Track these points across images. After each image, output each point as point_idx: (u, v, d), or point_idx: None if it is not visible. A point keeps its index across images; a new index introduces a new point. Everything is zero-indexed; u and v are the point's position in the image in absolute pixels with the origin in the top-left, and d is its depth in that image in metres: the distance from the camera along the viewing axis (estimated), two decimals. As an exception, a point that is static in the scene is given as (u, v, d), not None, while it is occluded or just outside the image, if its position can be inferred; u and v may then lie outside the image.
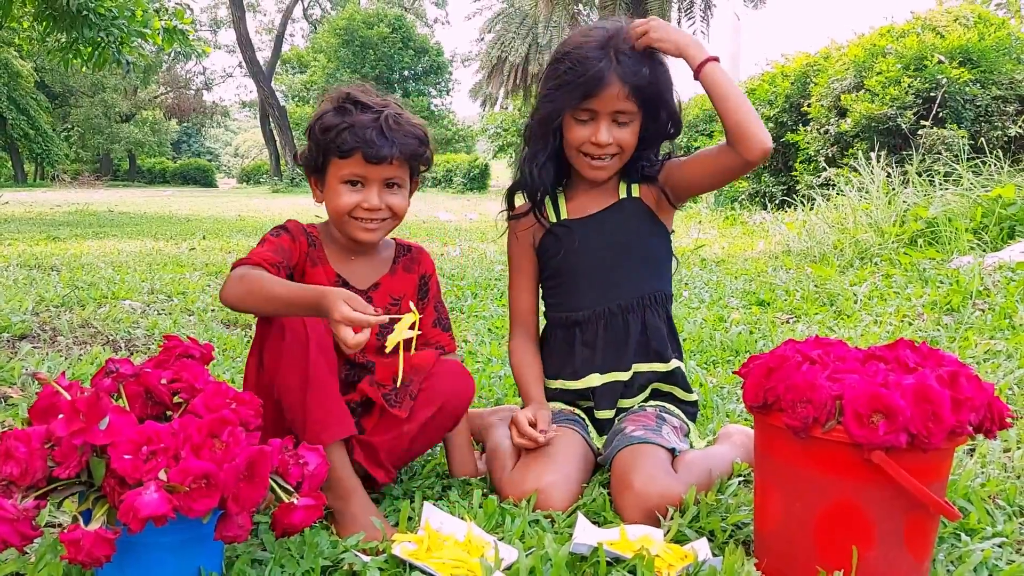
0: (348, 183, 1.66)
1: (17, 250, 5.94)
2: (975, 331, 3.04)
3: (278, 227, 1.72)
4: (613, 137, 1.76)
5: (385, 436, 1.63)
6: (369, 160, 1.62)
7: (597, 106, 1.74)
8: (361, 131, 1.60)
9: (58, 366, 2.51)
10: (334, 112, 1.65)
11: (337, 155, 1.63)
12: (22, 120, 31.95)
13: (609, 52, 1.72)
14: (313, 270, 1.71)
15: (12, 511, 1.09)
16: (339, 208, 1.66)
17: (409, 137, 1.66)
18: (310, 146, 1.70)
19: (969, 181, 5.31)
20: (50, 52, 9.59)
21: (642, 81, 1.72)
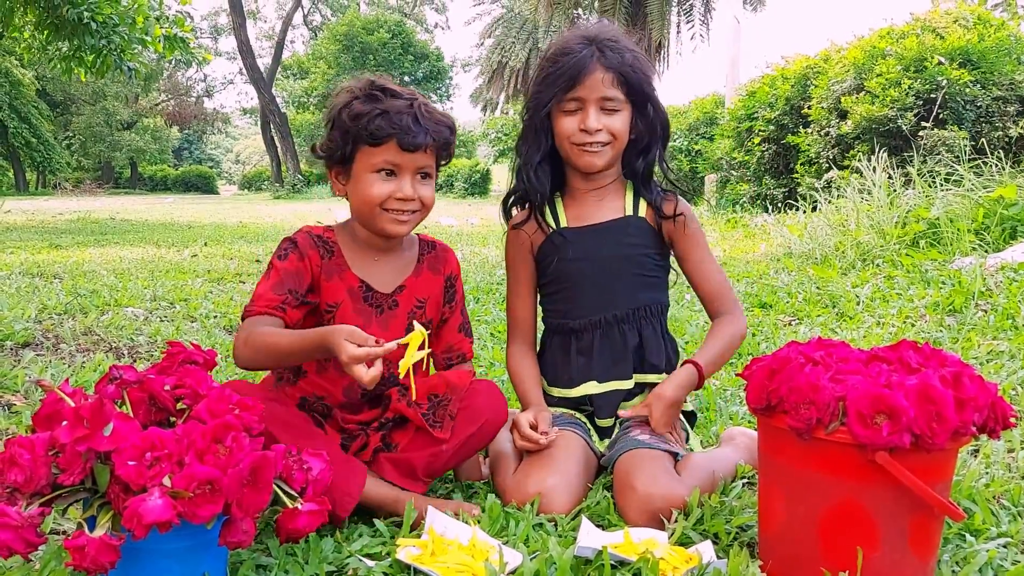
0: (381, 172, 1.60)
1: (19, 258, 5.95)
2: (978, 332, 3.04)
3: (287, 241, 1.66)
4: (602, 124, 1.76)
5: (422, 452, 1.61)
6: (404, 147, 1.57)
7: (583, 93, 1.75)
8: (396, 117, 1.56)
9: (61, 373, 2.51)
10: (364, 99, 1.60)
11: (369, 142, 1.58)
12: (24, 128, 32.02)
13: (592, 44, 1.76)
14: (329, 283, 1.66)
15: (17, 518, 1.09)
16: (370, 199, 1.60)
17: (441, 125, 1.62)
18: (332, 136, 1.63)
19: (970, 182, 5.31)
20: (52, 60, 9.63)
21: (626, 68, 1.75)
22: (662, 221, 1.86)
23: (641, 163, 1.86)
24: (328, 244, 1.68)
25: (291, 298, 1.59)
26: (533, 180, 1.86)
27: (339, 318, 1.65)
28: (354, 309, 1.67)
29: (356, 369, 1.36)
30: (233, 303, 3.95)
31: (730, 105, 11.37)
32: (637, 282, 1.85)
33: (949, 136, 6.62)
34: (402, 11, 46.10)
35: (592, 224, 1.87)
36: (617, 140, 1.79)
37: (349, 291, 1.68)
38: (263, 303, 1.57)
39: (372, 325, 1.68)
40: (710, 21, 21.02)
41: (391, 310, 1.71)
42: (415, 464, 1.60)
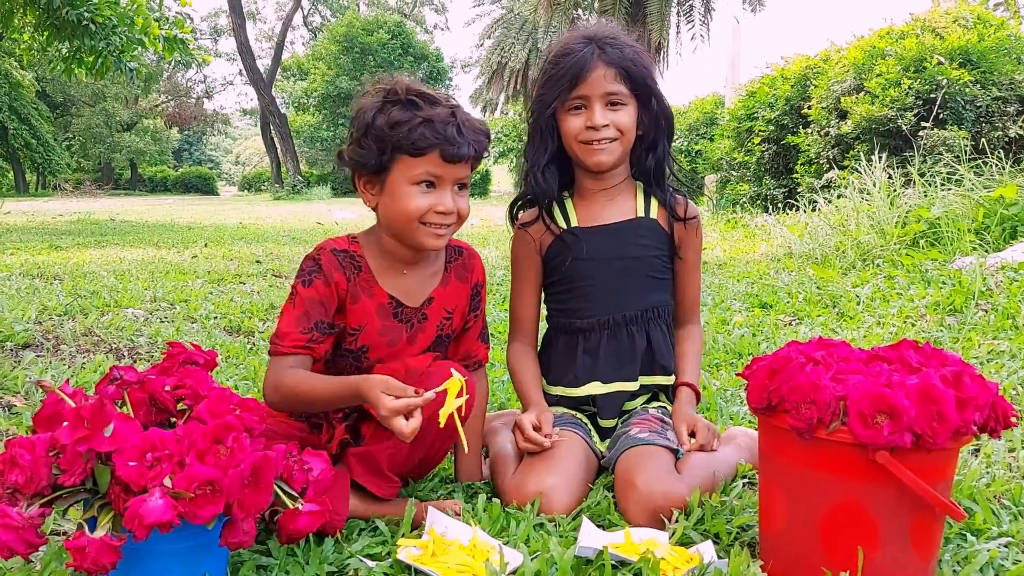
0: (420, 184, 1.52)
1: (20, 259, 5.94)
2: (978, 331, 3.04)
3: (310, 262, 1.57)
4: (609, 119, 1.76)
5: (383, 445, 1.50)
6: (448, 158, 1.50)
7: (586, 91, 1.76)
8: (441, 127, 1.48)
9: (61, 375, 2.51)
10: (401, 106, 1.51)
11: (410, 152, 1.49)
12: (24, 130, 32.01)
13: (592, 43, 1.77)
14: (355, 305, 1.58)
15: (17, 519, 1.09)
16: (409, 212, 1.52)
17: (480, 134, 1.55)
18: (365, 144, 1.53)
19: (971, 182, 5.31)
20: (52, 62, 9.63)
21: (627, 62, 1.76)
22: (674, 223, 1.87)
23: (651, 160, 1.86)
24: (355, 259, 1.61)
25: (318, 334, 1.54)
26: (541, 182, 1.86)
27: (363, 339, 1.60)
28: (381, 328, 1.61)
29: (395, 422, 1.34)
30: (233, 304, 3.95)
31: (730, 105, 11.37)
32: (647, 283, 1.86)
33: (949, 136, 6.62)
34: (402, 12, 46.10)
35: (603, 224, 1.86)
36: (624, 135, 1.79)
37: (379, 308, 1.61)
38: (290, 343, 1.52)
39: (401, 341, 1.63)
40: (710, 21, 21.02)
41: (420, 324, 1.65)
42: (378, 459, 1.50)
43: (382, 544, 1.43)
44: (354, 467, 1.51)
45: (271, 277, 5.15)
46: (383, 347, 1.62)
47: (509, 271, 1.99)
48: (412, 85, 1.55)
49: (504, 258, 6.13)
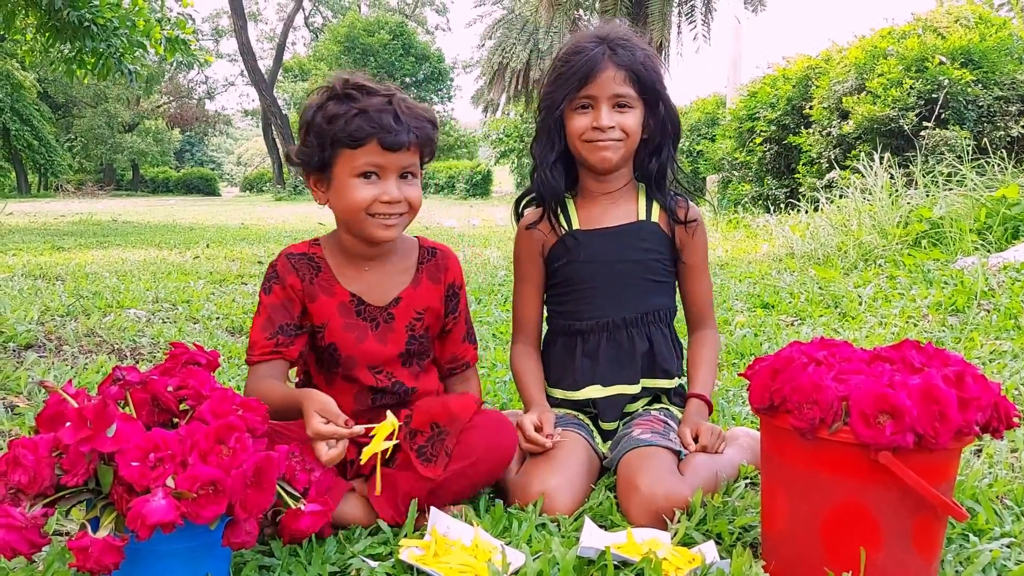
0: (362, 175, 1.51)
1: (22, 260, 5.95)
2: (980, 331, 3.03)
3: (270, 270, 1.61)
4: (615, 121, 1.76)
5: (408, 475, 1.50)
6: (386, 146, 1.49)
7: (594, 91, 1.75)
8: (376, 115, 1.48)
9: (64, 375, 2.52)
10: (338, 100, 1.51)
11: (348, 144, 1.49)
12: (25, 131, 32.07)
13: (603, 43, 1.76)
14: (314, 304, 1.60)
15: (20, 519, 1.09)
16: (354, 205, 1.52)
17: (422, 120, 1.54)
18: (308, 141, 1.54)
19: (973, 182, 5.31)
20: (53, 63, 9.64)
21: (638, 66, 1.75)
22: (675, 226, 1.86)
23: (654, 164, 1.86)
24: (313, 261, 1.63)
25: (284, 337, 1.57)
26: (549, 180, 1.86)
27: (328, 336, 1.61)
28: (344, 325, 1.62)
29: (318, 446, 1.36)
30: (235, 304, 3.95)
31: (731, 105, 11.37)
32: (647, 287, 1.85)
33: (951, 136, 6.62)
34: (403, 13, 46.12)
35: (604, 227, 1.86)
36: (629, 138, 1.79)
37: (340, 306, 1.62)
38: (258, 351, 1.56)
39: (368, 339, 1.64)
40: (711, 21, 20.98)
41: (387, 323, 1.65)
42: (399, 484, 1.49)
43: (384, 544, 1.43)
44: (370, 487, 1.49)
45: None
46: (351, 344, 1.63)
47: (509, 272, 1.99)
48: (352, 79, 1.55)
49: (506, 259, 6.14)
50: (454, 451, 1.53)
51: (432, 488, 1.51)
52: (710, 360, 1.88)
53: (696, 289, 1.92)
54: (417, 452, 1.52)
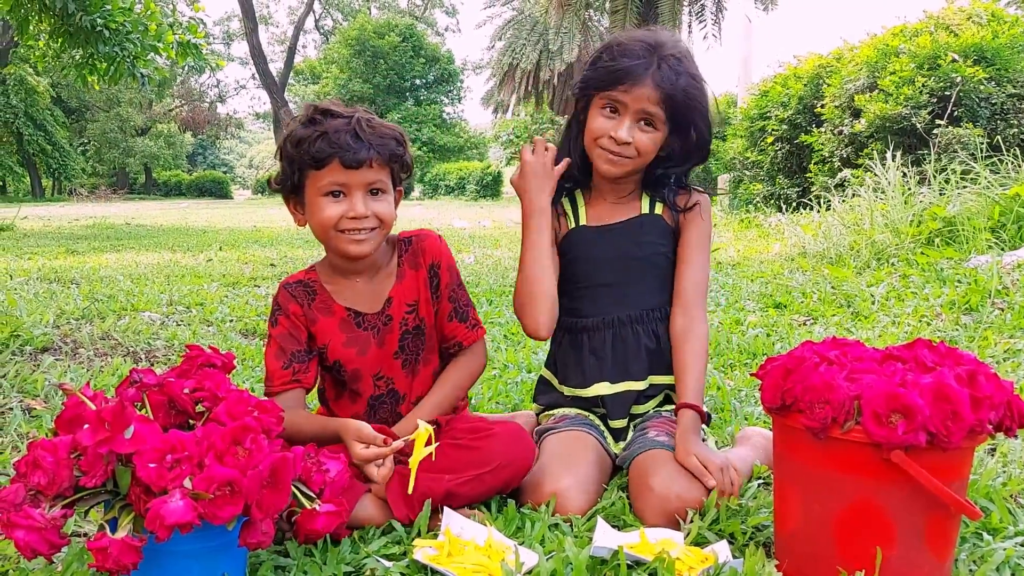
0: (329, 195, 1.58)
1: (37, 264, 6.00)
2: (994, 330, 3.02)
3: (273, 303, 1.69)
4: (633, 138, 1.73)
5: (423, 475, 1.50)
6: (347, 165, 1.54)
7: (626, 99, 1.72)
8: (335, 136, 1.54)
9: (80, 378, 2.54)
10: (303, 125, 1.59)
11: (313, 166, 1.56)
12: (39, 135, 32.27)
13: (653, 55, 1.71)
14: (315, 327, 1.67)
15: (40, 520, 1.10)
16: (324, 223, 1.59)
17: (385, 138, 1.59)
18: (283, 167, 1.63)
19: (986, 179, 5.28)
20: (66, 68, 9.71)
21: (676, 92, 1.70)
22: (679, 216, 1.84)
23: (659, 172, 1.84)
24: (309, 286, 1.70)
25: (298, 364, 1.64)
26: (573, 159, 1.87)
27: (332, 355, 1.68)
28: (344, 341, 1.68)
29: (368, 469, 1.45)
30: (249, 307, 3.97)
31: (743, 104, 11.35)
32: (652, 283, 1.85)
33: (964, 134, 6.58)
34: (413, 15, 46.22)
35: (608, 224, 1.86)
36: (640, 158, 1.76)
37: (340, 323, 1.68)
38: (278, 382, 1.63)
39: (371, 348, 1.70)
40: (722, 20, 20.95)
41: (386, 327, 1.71)
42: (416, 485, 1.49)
43: (398, 544, 1.44)
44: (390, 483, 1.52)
45: (285, 280, 5.17)
46: (353, 358, 1.70)
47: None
48: (321, 105, 1.62)
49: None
50: (472, 456, 1.57)
51: (448, 490, 1.53)
52: (699, 359, 1.75)
53: (685, 271, 1.82)
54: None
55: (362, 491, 1.51)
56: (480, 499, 1.60)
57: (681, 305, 1.81)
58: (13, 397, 2.30)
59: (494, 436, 1.61)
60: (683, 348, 1.77)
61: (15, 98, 30.70)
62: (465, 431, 1.65)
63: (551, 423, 1.86)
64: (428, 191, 32.64)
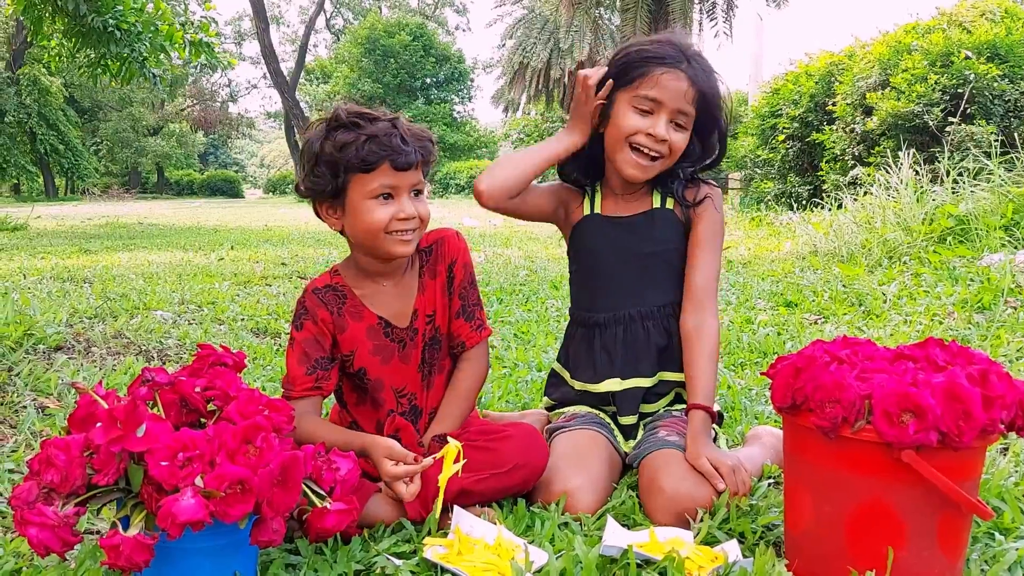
0: (379, 197, 1.58)
1: (50, 263, 6.04)
2: (1007, 329, 3.00)
3: (299, 306, 1.66)
4: (669, 136, 1.71)
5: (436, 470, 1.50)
6: (398, 167, 1.56)
7: (662, 96, 1.69)
8: (385, 139, 1.54)
9: (92, 376, 2.55)
10: (344, 128, 1.57)
11: (362, 169, 1.55)
12: (52, 135, 32.47)
13: (682, 53, 1.72)
14: (343, 335, 1.66)
15: (53, 518, 1.11)
16: (374, 226, 1.58)
17: (424, 140, 1.61)
18: (319, 172, 1.59)
19: (1000, 177, 5.24)
20: (79, 68, 9.78)
21: (708, 90, 1.71)
22: (689, 210, 1.83)
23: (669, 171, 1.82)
24: (338, 291, 1.69)
25: (321, 372, 1.63)
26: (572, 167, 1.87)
27: (358, 362, 1.68)
28: (372, 348, 1.68)
29: (397, 486, 1.44)
30: (260, 306, 3.99)
31: (754, 103, 11.32)
32: (664, 279, 1.84)
33: (977, 131, 6.54)
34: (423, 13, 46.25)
35: (619, 216, 1.85)
36: (670, 157, 1.75)
37: (368, 329, 1.68)
38: (300, 387, 1.61)
39: (393, 359, 1.70)
40: (732, 19, 20.86)
41: (411, 341, 1.71)
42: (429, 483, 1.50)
43: (408, 543, 1.45)
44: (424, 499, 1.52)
45: (296, 279, 5.19)
46: (377, 366, 1.69)
47: (531, 271, 1.99)
48: (351, 108, 1.61)
49: (526, 258, 6.14)
50: (487, 458, 1.57)
51: (463, 488, 1.53)
52: (710, 359, 1.73)
53: (696, 266, 1.80)
54: None
55: (372, 490, 1.52)
56: (494, 498, 1.60)
57: (692, 301, 1.80)
58: (27, 395, 2.32)
59: (509, 438, 1.61)
60: (694, 347, 1.75)
61: (28, 98, 30.91)
62: (479, 433, 1.66)
63: (562, 421, 1.86)
64: (439, 190, 32.68)
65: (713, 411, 1.70)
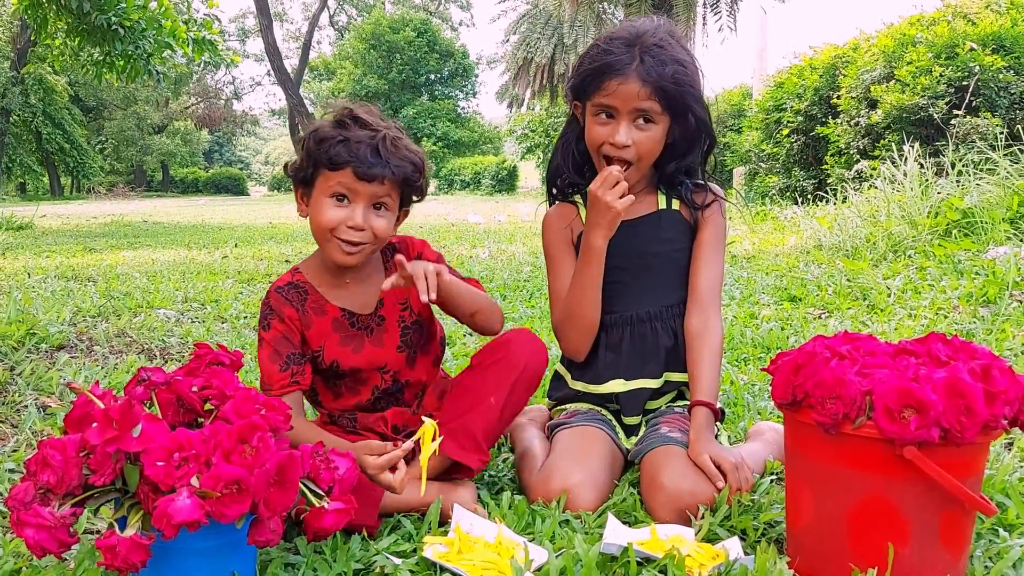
0: (335, 197, 1.60)
1: (55, 262, 6.05)
2: (1012, 323, 2.98)
3: (264, 307, 1.68)
4: (632, 139, 1.69)
5: (475, 414, 1.61)
6: (359, 176, 1.57)
7: (615, 103, 1.68)
8: (355, 146, 1.57)
9: (95, 375, 2.55)
10: (332, 125, 1.62)
11: (327, 167, 1.59)
12: (57, 134, 32.57)
13: (635, 48, 1.68)
14: (310, 331, 1.68)
15: (50, 519, 1.11)
16: (322, 224, 1.61)
17: (405, 161, 1.61)
18: (302, 156, 1.65)
19: (1005, 170, 5.21)
20: (84, 66, 9.79)
21: (665, 81, 1.66)
22: (697, 213, 1.82)
23: (672, 167, 1.81)
24: (300, 288, 1.70)
25: (295, 366, 1.64)
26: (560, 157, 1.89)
27: (328, 355, 1.69)
28: (340, 340, 1.69)
29: (383, 477, 1.45)
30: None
31: (758, 96, 11.28)
32: (671, 280, 1.84)
33: (982, 124, 6.51)
34: (427, 9, 46.20)
35: (625, 219, 1.84)
36: (643, 159, 1.73)
37: (333, 322, 1.69)
38: (278, 385, 1.62)
39: (365, 346, 1.71)
40: (736, 12, 20.78)
41: (379, 326, 1.73)
42: (474, 430, 1.60)
43: (408, 541, 1.44)
44: (446, 444, 1.57)
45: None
46: (349, 355, 1.71)
47: (535, 267, 1.99)
48: (355, 110, 1.64)
49: (531, 254, 6.13)
50: (499, 367, 1.65)
51: (499, 415, 1.63)
52: (713, 357, 1.74)
53: (701, 269, 1.81)
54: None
55: (380, 494, 1.52)
56: (523, 403, 1.71)
57: (696, 303, 1.80)
58: (28, 395, 2.32)
59: (511, 341, 1.68)
60: (698, 347, 1.76)
61: (34, 97, 31.00)
62: (480, 354, 1.71)
63: (563, 418, 1.85)
64: (443, 186, 32.68)
65: (716, 408, 1.69)
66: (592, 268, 1.76)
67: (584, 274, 1.77)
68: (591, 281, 1.77)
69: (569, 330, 1.83)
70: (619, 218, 1.70)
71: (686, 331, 1.80)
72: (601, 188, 1.68)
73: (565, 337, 1.85)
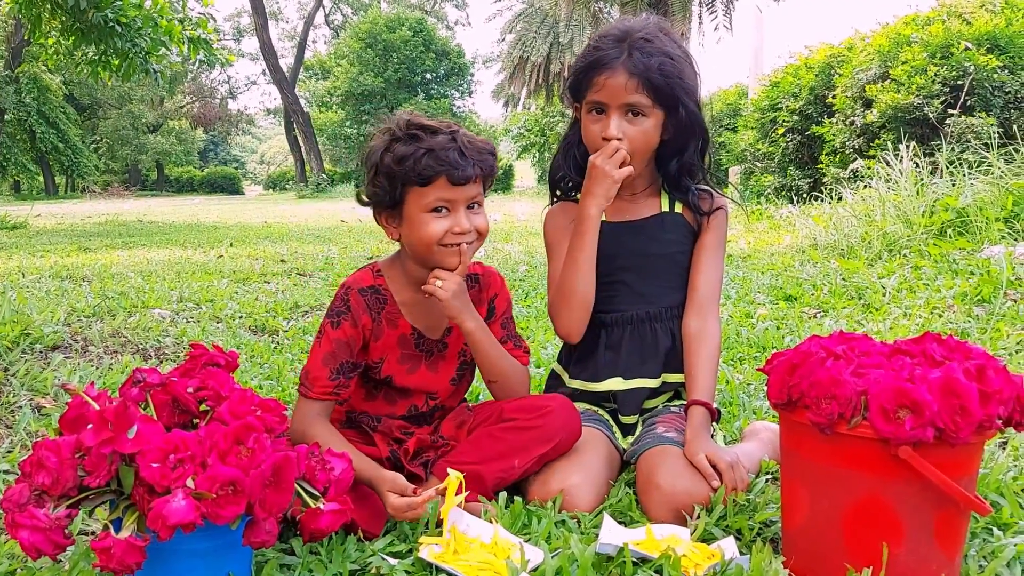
0: (434, 211, 1.57)
1: (49, 261, 6.03)
2: (1007, 322, 2.99)
3: (340, 303, 1.63)
4: (624, 132, 1.70)
5: (493, 467, 1.59)
6: (455, 182, 1.55)
7: (605, 98, 1.70)
8: (442, 153, 1.54)
9: (89, 376, 2.55)
10: (404, 141, 1.57)
11: (418, 183, 1.55)
12: (52, 133, 32.49)
13: (623, 43, 1.69)
14: (377, 343, 1.66)
15: (45, 520, 1.11)
16: (428, 238, 1.58)
17: (484, 154, 1.60)
18: (378, 182, 1.60)
19: (1000, 169, 5.22)
20: (79, 65, 9.77)
21: (652, 73, 1.66)
22: (701, 218, 1.84)
23: (674, 165, 1.82)
24: (380, 294, 1.67)
25: (343, 378, 1.62)
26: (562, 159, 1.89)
27: (386, 370, 1.68)
28: (400, 357, 1.69)
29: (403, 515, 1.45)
30: (258, 303, 3.98)
31: (753, 96, 11.29)
32: (672, 281, 1.84)
33: (977, 123, 6.52)
34: (423, 8, 46.16)
35: (628, 220, 1.85)
36: (638, 153, 1.73)
37: (400, 338, 1.68)
38: (318, 389, 1.59)
39: (420, 369, 1.71)
40: (732, 11, 20.79)
41: (439, 353, 1.73)
42: (485, 477, 1.58)
43: (404, 542, 1.44)
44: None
45: (295, 276, 5.19)
46: (403, 374, 1.70)
47: (531, 267, 1.99)
48: (413, 120, 1.61)
49: (527, 253, 6.13)
50: (535, 435, 1.62)
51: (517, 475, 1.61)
52: (710, 358, 1.75)
53: (701, 272, 1.82)
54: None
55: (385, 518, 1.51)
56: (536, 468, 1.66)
57: (695, 306, 1.81)
58: (23, 395, 2.31)
59: (552, 412, 1.64)
60: (695, 348, 1.77)
61: (28, 96, 30.90)
62: (517, 410, 1.67)
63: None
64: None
65: (713, 407, 1.70)
66: (586, 239, 1.76)
67: (577, 245, 1.77)
68: (585, 254, 1.77)
69: (562, 307, 1.81)
70: (615, 187, 1.71)
71: (684, 332, 1.81)
72: (600, 157, 1.69)
73: (558, 315, 1.83)
